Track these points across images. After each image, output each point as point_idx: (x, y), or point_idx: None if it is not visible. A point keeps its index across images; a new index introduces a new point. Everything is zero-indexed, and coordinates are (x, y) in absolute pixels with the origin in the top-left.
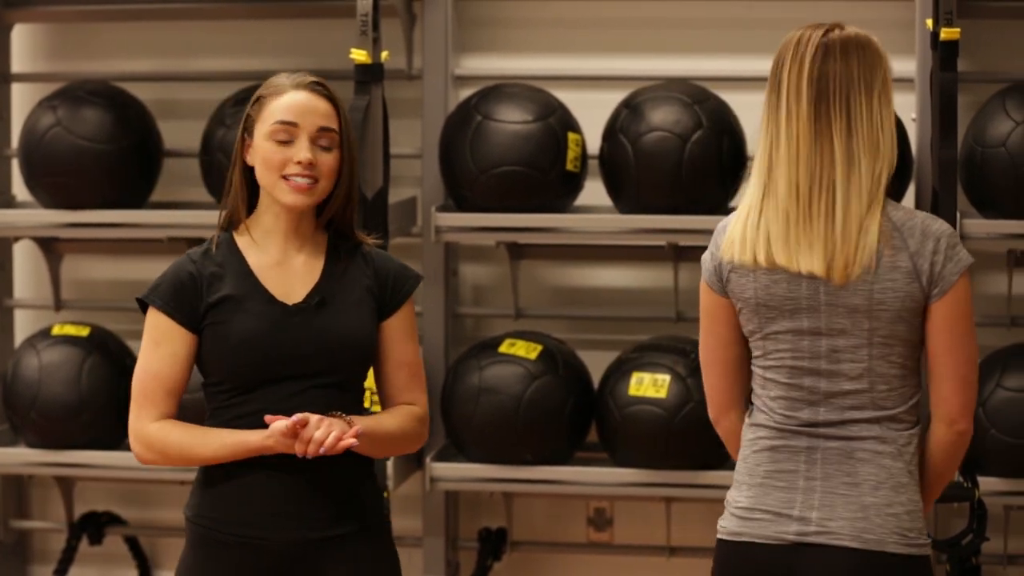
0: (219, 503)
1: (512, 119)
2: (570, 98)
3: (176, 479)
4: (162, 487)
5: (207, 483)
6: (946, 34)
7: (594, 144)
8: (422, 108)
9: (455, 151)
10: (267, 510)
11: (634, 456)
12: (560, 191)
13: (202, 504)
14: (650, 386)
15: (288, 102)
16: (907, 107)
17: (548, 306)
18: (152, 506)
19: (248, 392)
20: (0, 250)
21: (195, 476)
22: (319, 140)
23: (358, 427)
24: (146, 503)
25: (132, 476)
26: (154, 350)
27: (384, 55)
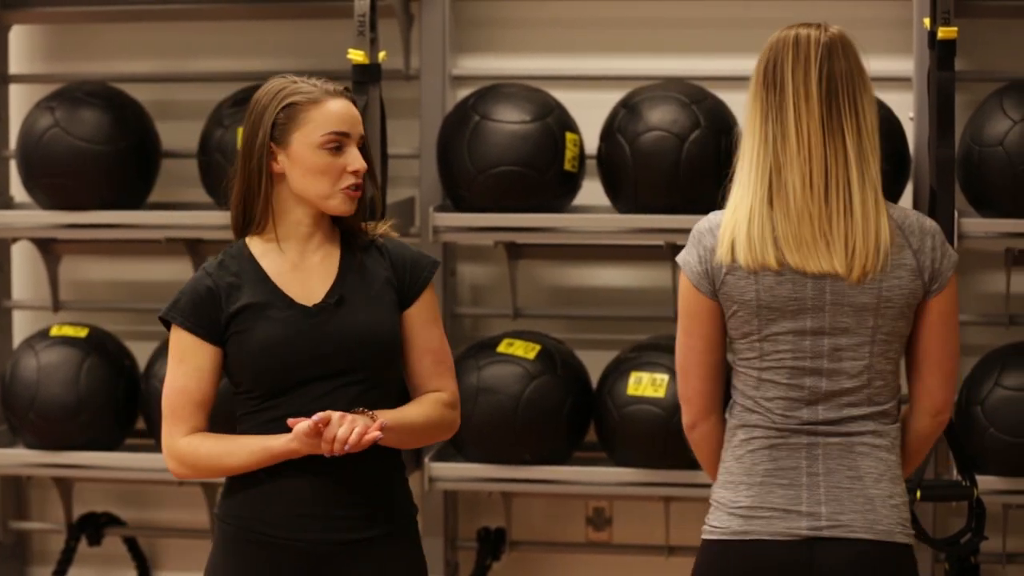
0: (248, 503)
1: (510, 119)
2: (568, 98)
3: (174, 479)
4: (160, 488)
5: (239, 487)
6: (943, 33)
7: (592, 144)
8: (420, 108)
9: (453, 151)
10: (294, 511)
11: (633, 456)
12: (558, 191)
13: (232, 504)
14: (648, 386)
15: (338, 111)
16: (905, 106)
17: (546, 306)
18: (151, 507)
19: (277, 396)
20: None
21: (226, 480)
22: (359, 146)
23: (382, 420)
24: (145, 504)
25: (131, 477)
26: (179, 366)
27: (381, 55)
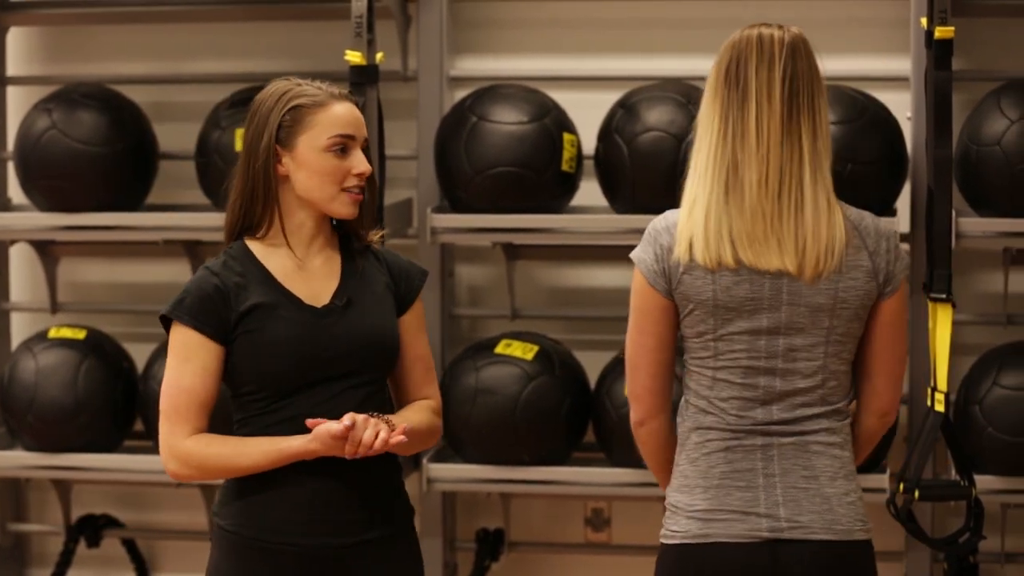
0: (253, 510)
1: (507, 120)
2: (565, 99)
3: (172, 481)
4: (159, 490)
5: (240, 490)
6: (940, 32)
7: (589, 144)
8: (417, 109)
9: (450, 152)
10: (297, 516)
11: (631, 456)
12: (556, 191)
13: (235, 511)
14: None
15: (343, 114)
16: (902, 106)
17: (544, 307)
18: (149, 509)
19: (285, 397)
20: None
21: (224, 484)
22: (363, 150)
23: (404, 425)
24: (143, 506)
25: (129, 479)
26: (183, 365)
27: (379, 57)
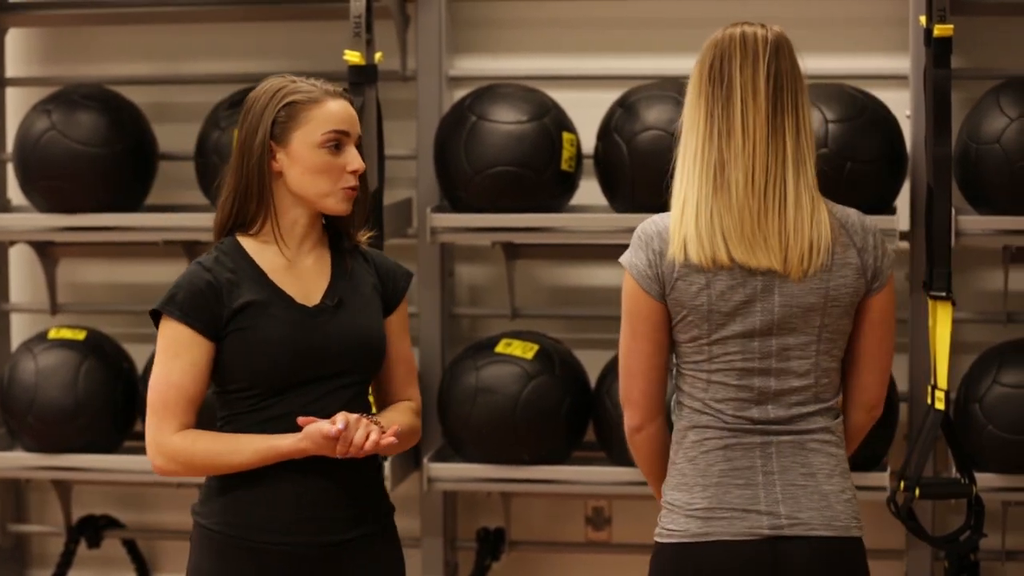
0: (237, 509)
1: (506, 119)
2: (564, 98)
3: (172, 482)
4: (159, 490)
5: (223, 489)
6: (940, 31)
7: (589, 144)
8: (416, 109)
9: (450, 152)
10: (287, 515)
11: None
12: (555, 191)
13: (218, 509)
14: None
15: (338, 111)
16: (901, 104)
17: (544, 306)
18: (150, 509)
19: (274, 396)
20: None
21: (206, 482)
22: (357, 147)
23: (396, 427)
24: (144, 506)
25: (129, 479)
26: (172, 361)
27: (378, 56)
